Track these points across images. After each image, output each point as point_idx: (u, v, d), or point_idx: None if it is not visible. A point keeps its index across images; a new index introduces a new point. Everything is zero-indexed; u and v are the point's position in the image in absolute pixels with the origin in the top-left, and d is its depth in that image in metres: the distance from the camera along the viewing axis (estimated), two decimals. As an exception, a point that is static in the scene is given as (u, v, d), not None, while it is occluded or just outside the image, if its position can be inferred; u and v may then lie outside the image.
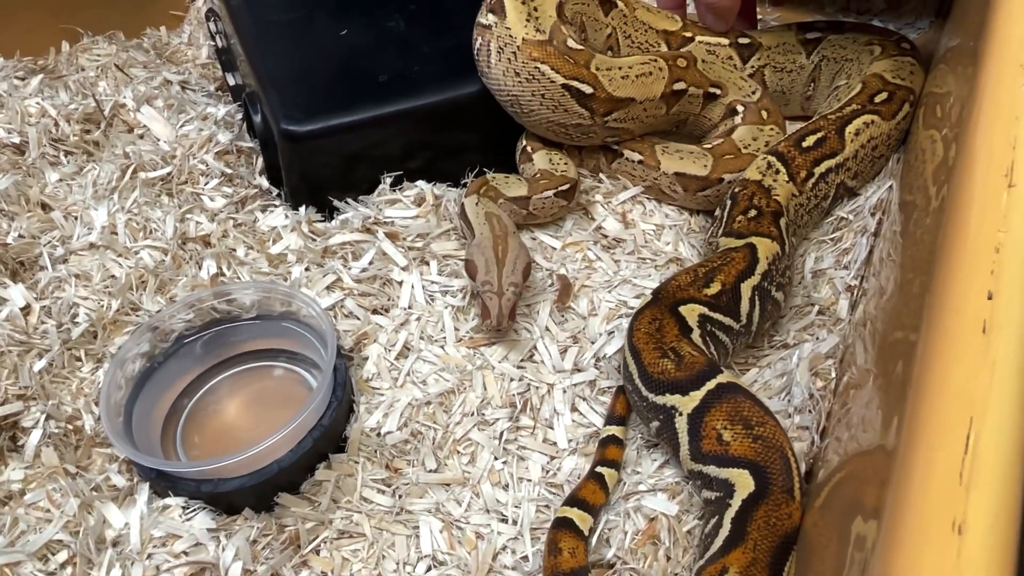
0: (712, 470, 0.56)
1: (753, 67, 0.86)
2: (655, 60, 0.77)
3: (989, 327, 0.33)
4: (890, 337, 0.50)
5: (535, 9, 0.74)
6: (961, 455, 0.29)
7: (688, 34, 0.85)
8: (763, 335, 0.70)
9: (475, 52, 0.77)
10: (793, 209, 0.75)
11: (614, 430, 0.63)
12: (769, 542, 0.52)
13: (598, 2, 0.82)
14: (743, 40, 0.85)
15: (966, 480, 0.28)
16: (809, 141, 0.77)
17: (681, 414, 0.58)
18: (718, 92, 0.81)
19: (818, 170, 0.76)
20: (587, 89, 0.73)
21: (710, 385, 0.58)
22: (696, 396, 0.58)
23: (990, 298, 0.34)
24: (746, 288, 0.67)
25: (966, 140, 0.44)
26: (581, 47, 0.74)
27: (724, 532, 0.53)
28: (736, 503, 0.54)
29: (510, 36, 0.73)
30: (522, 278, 0.68)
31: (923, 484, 0.29)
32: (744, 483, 0.55)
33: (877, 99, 0.78)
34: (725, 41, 0.85)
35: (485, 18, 0.76)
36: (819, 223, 0.79)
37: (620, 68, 0.75)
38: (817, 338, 0.68)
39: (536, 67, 0.72)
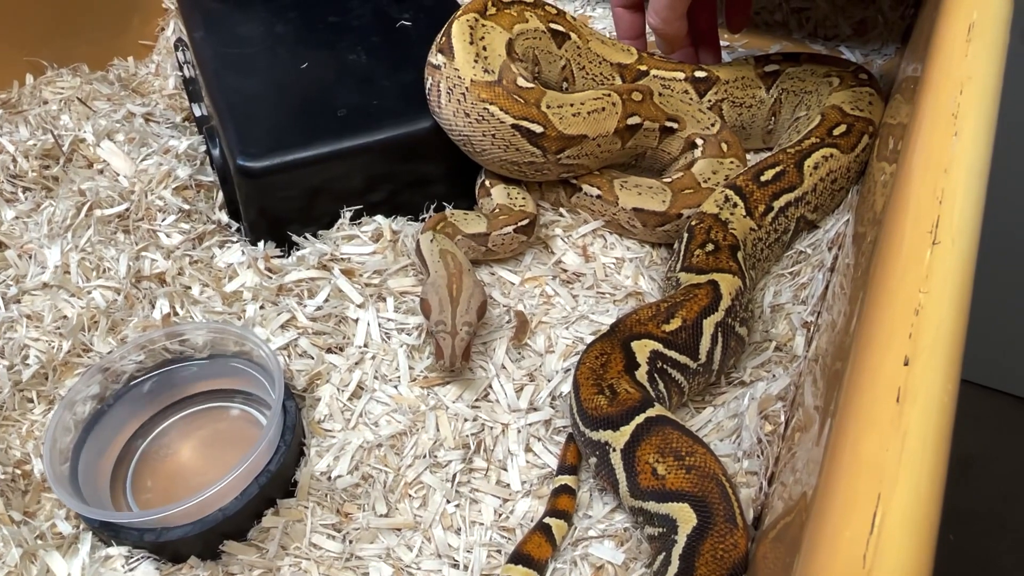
0: (652, 506, 0.56)
1: (711, 101, 0.85)
2: (608, 95, 0.77)
3: (903, 395, 0.32)
4: (834, 370, 0.49)
5: (484, 48, 0.74)
6: (866, 536, 0.28)
7: (643, 67, 0.84)
8: (725, 373, 0.70)
9: (427, 92, 0.76)
10: (751, 243, 0.74)
11: (566, 479, 0.62)
12: None
13: (550, 35, 0.82)
14: (699, 74, 0.85)
15: (869, 564, 0.28)
16: (768, 175, 0.76)
17: (615, 450, 0.58)
18: (675, 126, 0.80)
19: (777, 204, 0.75)
20: (537, 128, 0.72)
21: (639, 419, 0.58)
22: (626, 431, 0.58)
23: (906, 364, 0.33)
24: (708, 325, 0.66)
25: (896, 189, 0.43)
26: (532, 85, 0.74)
27: (672, 569, 0.53)
28: (681, 539, 0.54)
29: (459, 77, 0.72)
30: (476, 317, 0.67)
31: (827, 565, 0.29)
32: (686, 517, 0.54)
33: (836, 132, 0.78)
34: (680, 75, 0.84)
35: (435, 58, 0.75)
36: (780, 257, 0.78)
37: (572, 105, 0.74)
38: (773, 376, 0.67)
39: (485, 108, 0.72)
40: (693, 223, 0.74)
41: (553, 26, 0.82)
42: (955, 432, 0.32)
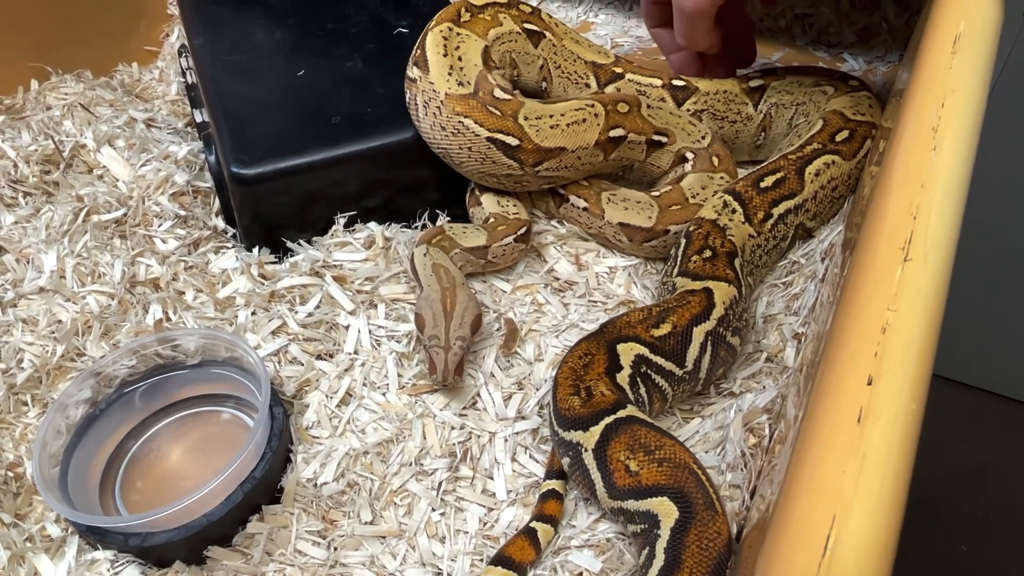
0: (631, 504, 0.56)
1: (689, 111, 0.84)
2: (592, 106, 0.76)
3: (865, 416, 0.31)
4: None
5: (459, 59, 0.73)
6: (819, 559, 0.28)
7: (618, 69, 0.83)
8: (714, 382, 0.69)
9: (407, 104, 0.76)
10: (749, 250, 0.74)
11: (554, 484, 0.62)
12: (704, 566, 0.52)
13: (526, 35, 0.81)
14: (677, 82, 0.83)
15: (818, 588, 0.27)
16: (768, 181, 0.76)
17: (587, 450, 0.58)
18: (664, 139, 0.79)
19: (776, 211, 0.75)
20: (512, 141, 0.71)
21: (608, 420, 0.58)
22: (595, 431, 0.58)
23: (869, 383, 0.32)
24: (699, 333, 0.66)
25: (872, 201, 0.42)
26: (509, 97, 0.73)
27: (658, 563, 0.53)
28: (665, 532, 0.53)
29: (433, 90, 0.72)
30: (470, 332, 0.67)
31: (778, 588, 0.28)
32: (667, 511, 0.54)
33: (838, 138, 0.77)
34: (657, 82, 0.83)
35: (411, 71, 0.75)
36: (776, 266, 0.77)
37: (551, 116, 0.73)
38: (763, 387, 0.66)
39: (460, 121, 0.71)
40: (691, 228, 0.73)
41: (527, 26, 0.81)
42: (969, 441, 0.31)
